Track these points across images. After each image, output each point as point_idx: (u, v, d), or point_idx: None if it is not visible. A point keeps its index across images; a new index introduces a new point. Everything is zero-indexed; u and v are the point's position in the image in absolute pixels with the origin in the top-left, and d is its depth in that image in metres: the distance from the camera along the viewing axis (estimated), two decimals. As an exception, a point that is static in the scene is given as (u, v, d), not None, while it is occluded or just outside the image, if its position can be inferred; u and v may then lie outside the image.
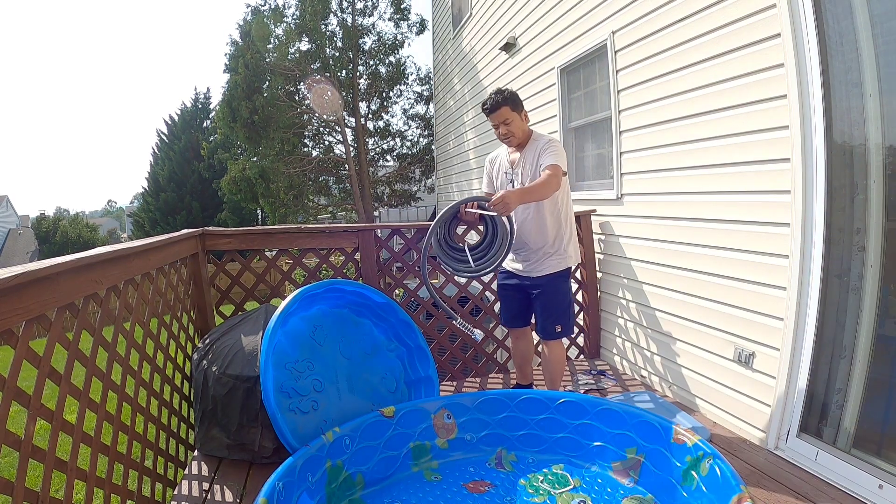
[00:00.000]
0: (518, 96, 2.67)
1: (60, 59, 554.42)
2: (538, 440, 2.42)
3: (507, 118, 2.61)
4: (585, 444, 2.31)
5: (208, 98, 24.39)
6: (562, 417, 2.39)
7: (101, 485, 1.69)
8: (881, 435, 2.02)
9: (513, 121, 2.62)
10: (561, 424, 2.39)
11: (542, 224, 2.66)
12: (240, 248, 3.17)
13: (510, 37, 5.63)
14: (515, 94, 2.65)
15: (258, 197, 13.71)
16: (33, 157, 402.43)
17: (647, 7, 3.15)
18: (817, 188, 2.11)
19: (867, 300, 2.01)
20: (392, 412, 2.34)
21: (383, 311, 2.73)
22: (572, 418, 2.36)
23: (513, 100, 2.62)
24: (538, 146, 2.63)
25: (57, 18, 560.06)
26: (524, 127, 2.68)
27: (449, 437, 2.42)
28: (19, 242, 33.18)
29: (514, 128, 2.63)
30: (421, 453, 2.36)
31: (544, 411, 2.43)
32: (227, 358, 2.45)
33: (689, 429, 2.06)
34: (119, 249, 1.88)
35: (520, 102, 2.66)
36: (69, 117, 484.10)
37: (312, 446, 2.02)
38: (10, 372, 1.30)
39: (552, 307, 2.69)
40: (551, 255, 2.68)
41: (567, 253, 2.70)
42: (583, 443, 2.32)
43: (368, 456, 2.22)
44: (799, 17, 2.10)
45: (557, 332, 2.70)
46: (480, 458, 2.39)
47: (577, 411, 2.37)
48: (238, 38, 13.75)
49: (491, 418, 2.47)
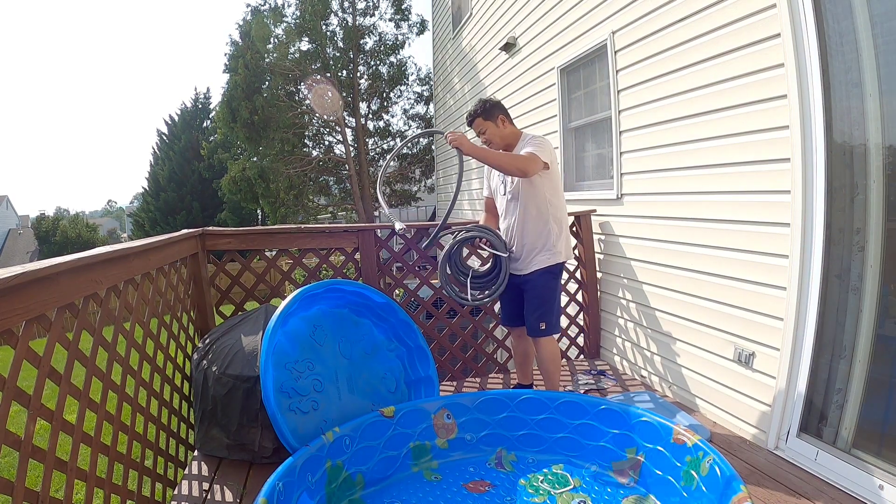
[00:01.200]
0: (493, 104, 2.76)
1: (61, 59, 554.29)
2: (538, 440, 2.42)
3: (481, 128, 2.76)
4: (585, 444, 2.31)
5: (208, 98, 24.42)
6: (562, 417, 2.39)
7: (101, 485, 1.69)
8: (881, 435, 2.01)
9: (486, 129, 2.74)
10: (561, 424, 2.39)
11: (528, 221, 2.69)
12: (240, 248, 3.17)
13: (510, 37, 5.63)
14: (489, 104, 2.75)
15: (258, 197, 13.73)
16: (33, 157, 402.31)
17: (647, 7, 3.15)
18: (817, 188, 2.11)
19: (867, 300, 2.01)
20: (392, 412, 2.33)
21: (383, 311, 2.73)
22: (572, 418, 2.37)
23: (485, 109, 2.73)
24: (523, 144, 2.69)
25: (57, 18, 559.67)
26: (502, 132, 2.76)
27: (449, 437, 2.42)
28: (19, 242, 33.18)
29: (489, 135, 2.76)
30: (421, 453, 2.36)
31: (544, 411, 2.43)
32: (227, 358, 2.45)
33: (688, 428, 2.05)
34: (119, 249, 1.88)
35: (493, 110, 2.74)
36: (69, 117, 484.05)
37: (312, 446, 2.02)
38: (10, 372, 1.30)
39: (536, 303, 2.71)
40: (539, 251, 2.70)
41: (556, 249, 2.70)
42: (583, 443, 2.32)
43: (368, 456, 2.22)
44: (799, 16, 2.10)
45: (542, 329, 2.71)
46: (480, 458, 2.39)
47: (577, 411, 2.37)
48: (238, 38, 13.77)
49: (491, 418, 2.47)
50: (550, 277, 2.73)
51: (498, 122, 2.75)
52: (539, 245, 2.70)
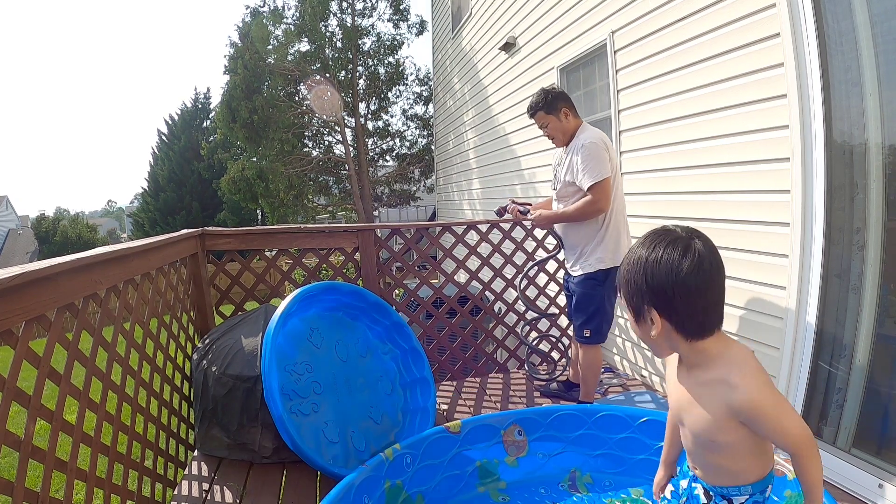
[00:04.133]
0: (556, 95, 2.62)
1: (61, 59, 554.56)
2: (617, 461, 2.20)
3: (543, 122, 2.63)
4: None
5: (208, 98, 24.41)
6: (644, 437, 2.16)
7: (101, 485, 1.69)
8: (881, 434, 2.01)
9: (549, 123, 2.64)
10: (643, 445, 2.16)
11: (569, 225, 2.65)
12: (239, 248, 3.16)
13: (510, 37, 5.63)
14: (551, 95, 2.61)
15: (258, 197, 13.72)
16: (33, 157, 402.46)
17: (647, 7, 3.15)
18: (817, 187, 2.11)
19: (867, 300, 2.01)
20: (458, 427, 2.17)
21: (378, 313, 2.74)
22: (656, 439, 2.11)
23: (547, 102, 2.60)
24: (576, 146, 2.56)
25: (57, 18, 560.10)
26: (564, 127, 2.63)
27: (519, 455, 2.24)
28: (19, 242, 33.16)
29: (552, 130, 2.64)
30: (488, 472, 2.19)
31: (625, 430, 2.21)
32: (227, 358, 2.45)
33: (789, 459, 1.85)
34: (119, 249, 1.88)
35: (556, 102, 2.61)
36: (69, 117, 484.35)
37: (370, 465, 1.89)
38: (10, 372, 1.30)
39: (580, 310, 2.67)
40: (585, 255, 2.64)
41: (599, 254, 2.59)
42: None
43: (431, 475, 2.07)
44: (798, 16, 2.10)
45: (586, 336, 2.67)
46: (552, 480, 2.20)
47: (661, 431, 2.12)
48: (237, 39, 13.77)
49: (565, 436, 2.27)
50: (593, 284, 2.62)
51: (561, 116, 2.61)
52: (579, 249, 2.65)
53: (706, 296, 1.04)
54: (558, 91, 2.66)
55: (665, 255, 1.05)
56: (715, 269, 1.05)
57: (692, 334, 1.08)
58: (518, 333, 3.64)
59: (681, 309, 1.05)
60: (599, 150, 2.49)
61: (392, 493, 1.94)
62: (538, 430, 2.28)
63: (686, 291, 1.03)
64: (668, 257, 1.04)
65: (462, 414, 3.00)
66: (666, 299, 1.05)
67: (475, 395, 3.29)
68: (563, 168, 2.67)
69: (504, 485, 2.18)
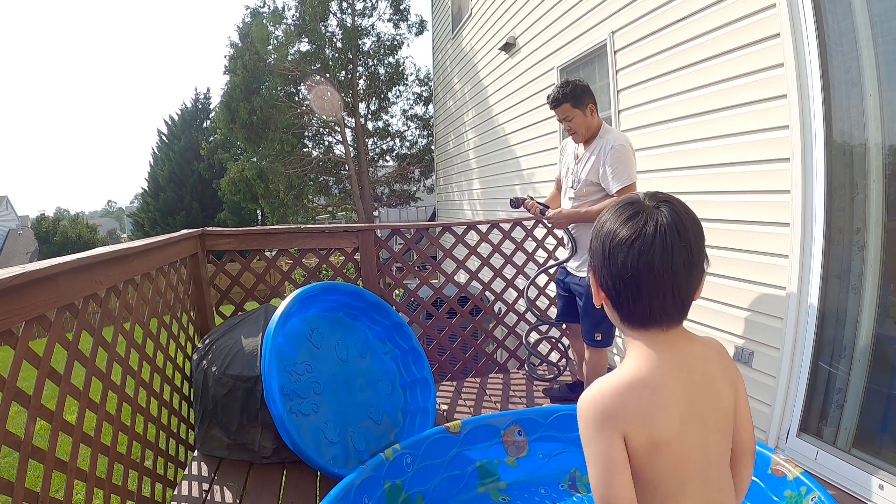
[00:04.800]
0: (583, 89, 2.50)
1: (61, 59, 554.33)
2: None
3: (567, 115, 2.50)
4: None
5: (208, 98, 24.40)
6: None
7: (101, 485, 1.69)
8: (881, 435, 2.01)
9: (574, 117, 2.50)
10: None
11: (581, 226, 2.63)
12: (239, 248, 3.17)
13: (510, 37, 5.63)
14: (579, 88, 2.48)
15: (258, 197, 13.72)
16: (33, 157, 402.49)
17: (647, 7, 3.14)
18: (817, 188, 2.11)
19: (867, 300, 2.01)
20: (458, 427, 2.18)
21: (377, 313, 2.74)
22: None
23: (574, 95, 2.47)
24: (604, 148, 2.48)
25: (57, 18, 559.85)
26: (589, 123, 2.52)
27: (519, 456, 2.24)
28: (19, 242, 33.16)
29: (575, 124, 2.52)
30: (488, 473, 2.19)
31: None
32: (227, 358, 2.45)
33: (789, 459, 1.83)
34: (119, 250, 1.88)
35: (583, 96, 2.49)
36: (69, 117, 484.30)
37: (370, 465, 1.89)
38: (10, 372, 1.30)
39: (592, 314, 2.61)
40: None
41: None
42: None
43: (431, 475, 2.07)
44: (798, 16, 2.10)
45: (598, 339, 2.63)
46: (553, 480, 2.20)
47: None
48: (237, 39, 13.76)
49: (565, 436, 2.27)
50: None
51: (587, 112, 2.50)
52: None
53: (642, 276, 0.85)
54: (584, 84, 2.52)
55: (611, 218, 0.92)
56: (665, 250, 0.85)
57: (625, 319, 0.93)
58: (518, 334, 3.64)
59: (609, 282, 0.90)
60: (629, 154, 2.46)
61: (392, 493, 1.94)
62: (538, 430, 2.28)
63: (616, 263, 0.87)
64: (612, 221, 0.91)
65: (462, 414, 3.00)
66: (598, 265, 0.92)
67: (475, 395, 3.29)
68: (586, 167, 2.58)
69: (504, 485, 2.18)
